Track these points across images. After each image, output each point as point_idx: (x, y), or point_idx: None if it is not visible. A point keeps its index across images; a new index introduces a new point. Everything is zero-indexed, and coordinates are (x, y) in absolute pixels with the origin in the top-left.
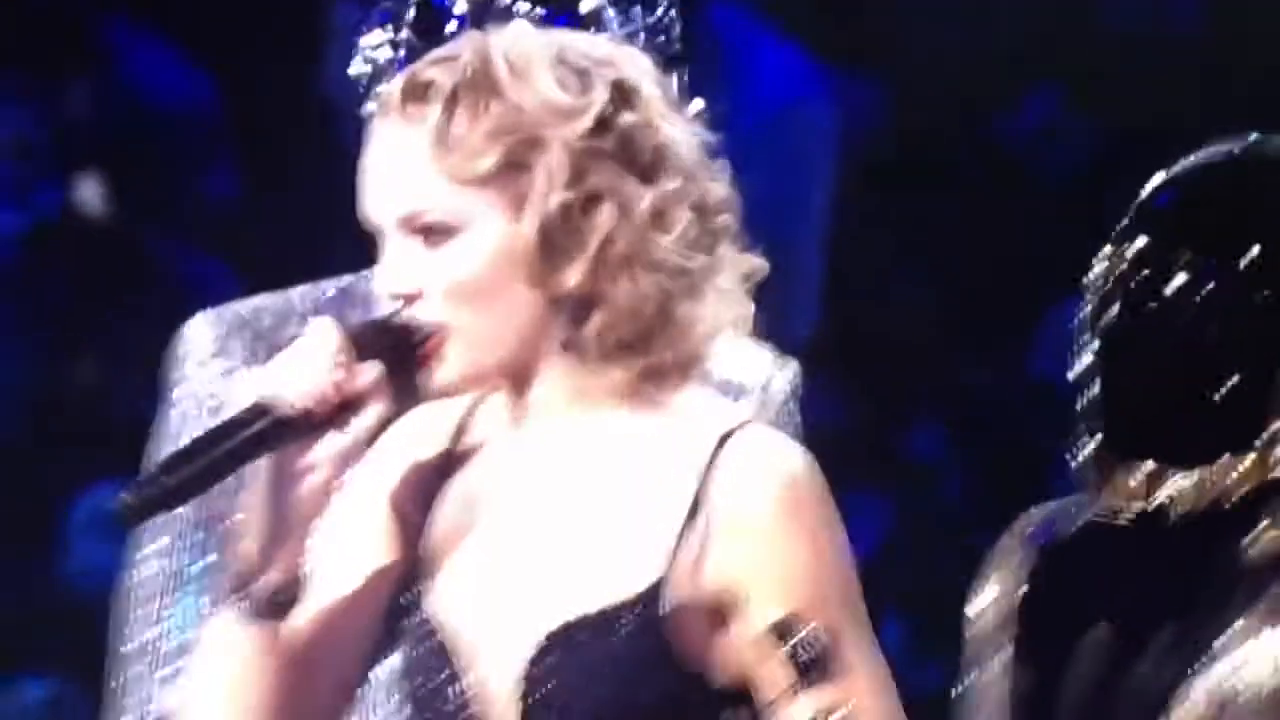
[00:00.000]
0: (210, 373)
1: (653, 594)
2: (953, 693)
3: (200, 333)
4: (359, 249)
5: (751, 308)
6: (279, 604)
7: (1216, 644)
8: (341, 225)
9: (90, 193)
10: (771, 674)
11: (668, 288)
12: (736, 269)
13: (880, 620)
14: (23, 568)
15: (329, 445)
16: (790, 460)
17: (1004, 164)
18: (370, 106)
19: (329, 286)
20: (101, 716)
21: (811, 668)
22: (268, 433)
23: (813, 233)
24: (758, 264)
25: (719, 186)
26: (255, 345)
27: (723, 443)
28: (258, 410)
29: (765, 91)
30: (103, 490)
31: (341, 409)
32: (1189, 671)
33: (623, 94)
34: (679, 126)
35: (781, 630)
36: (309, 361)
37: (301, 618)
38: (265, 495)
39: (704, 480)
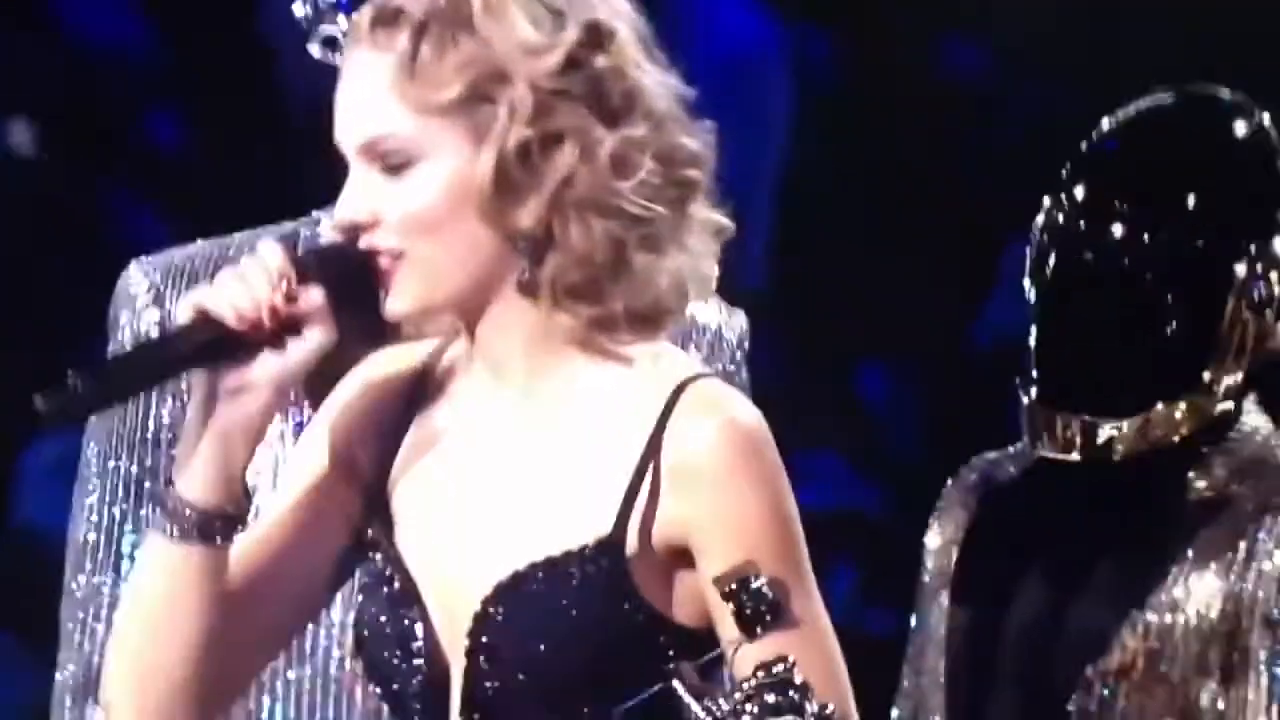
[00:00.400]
0: (149, 320)
1: (603, 544)
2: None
3: (138, 280)
4: (300, 195)
5: (716, 270)
6: (214, 526)
7: (1153, 584)
8: (283, 170)
9: (24, 138)
10: (724, 621)
11: (622, 236)
12: (705, 228)
13: (833, 567)
14: None
15: (266, 366)
16: (742, 414)
17: (958, 109)
18: (313, 48)
19: (269, 233)
20: (38, 667)
21: (756, 620)
22: (204, 346)
23: (765, 184)
24: (726, 224)
25: (691, 141)
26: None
27: (677, 394)
28: (196, 323)
29: (717, 41)
30: (50, 441)
31: (282, 331)
32: (1125, 611)
33: (596, 36)
34: (652, 75)
35: (728, 581)
36: (251, 279)
37: (245, 547)
38: (200, 415)
39: (657, 430)
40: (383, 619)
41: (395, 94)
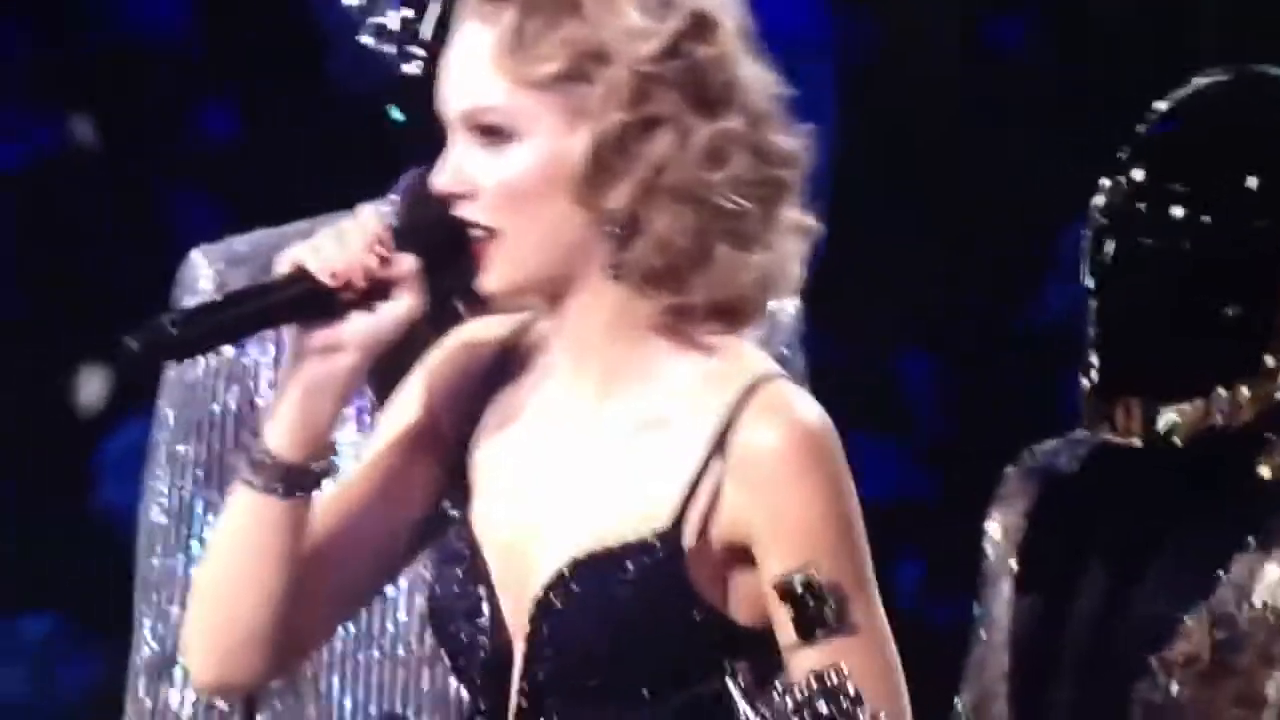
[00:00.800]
0: None
1: (661, 538)
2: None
3: (200, 267)
4: (353, 185)
5: (801, 271)
6: (297, 480)
7: (1217, 573)
8: (335, 161)
9: (85, 132)
10: (781, 624)
11: (707, 226)
12: (793, 228)
13: (897, 559)
14: (52, 504)
15: (355, 326)
16: (809, 416)
17: (1009, 92)
18: (366, 38)
19: (328, 221)
20: (101, 653)
21: (813, 624)
22: (296, 300)
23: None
24: (814, 225)
25: (786, 140)
26: (255, 279)
27: (748, 393)
28: (291, 277)
29: (759, 23)
30: (128, 427)
31: (373, 294)
32: (1190, 600)
33: (700, 26)
34: (753, 71)
35: (787, 584)
36: (348, 240)
37: (327, 504)
38: (290, 371)
39: (725, 428)
40: (453, 593)
41: (496, 66)
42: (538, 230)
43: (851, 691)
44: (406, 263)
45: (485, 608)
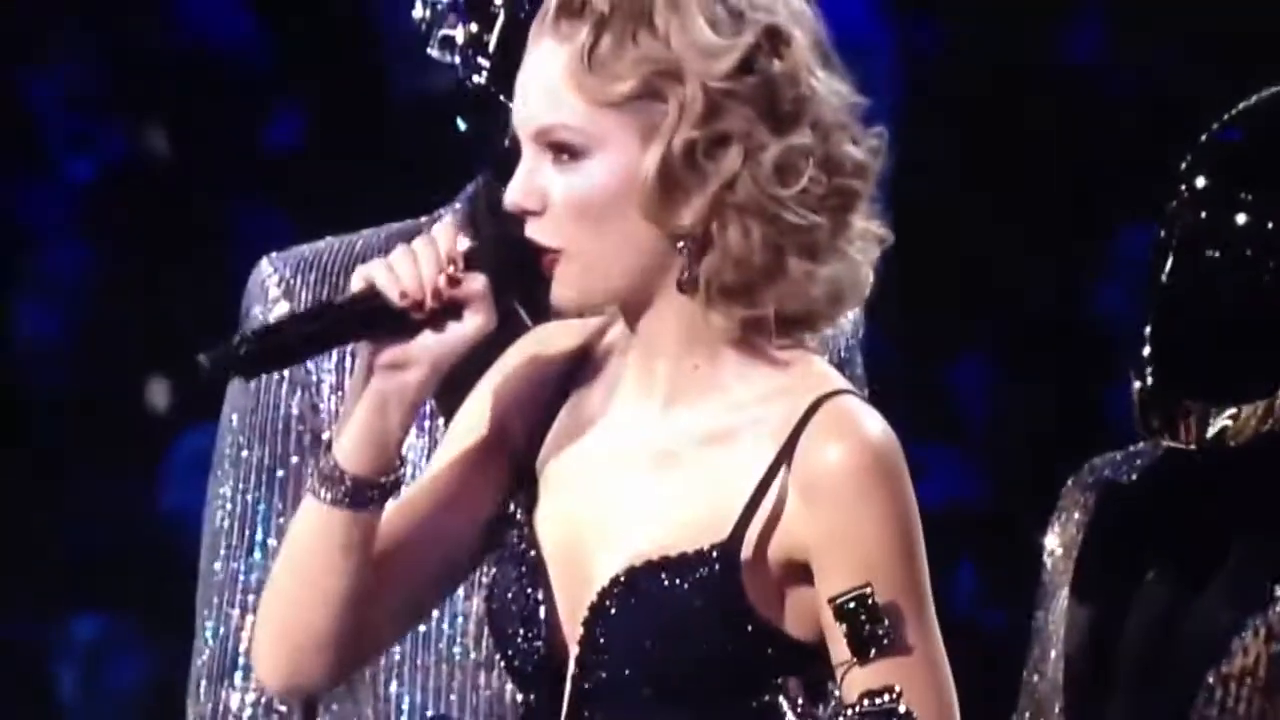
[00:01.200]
0: (279, 313)
1: (719, 550)
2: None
3: (269, 275)
4: (422, 193)
5: (870, 279)
6: (366, 494)
7: (1274, 585)
8: (404, 170)
9: (156, 142)
10: (836, 641)
11: (780, 242)
12: (864, 237)
13: (951, 564)
14: (118, 507)
15: (425, 342)
16: (874, 434)
17: (1067, 95)
18: (431, 50)
19: (393, 230)
20: (154, 655)
21: (868, 643)
22: (368, 317)
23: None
24: (885, 234)
25: (856, 151)
26: (321, 286)
27: (813, 409)
28: (363, 295)
29: (825, 27)
30: (197, 435)
31: (443, 313)
32: (1246, 612)
33: (773, 41)
34: (825, 83)
35: (843, 601)
36: (420, 260)
37: (395, 509)
38: (360, 385)
39: (789, 444)
40: (510, 594)
41: (571, 84)
42: (609, 246)
43: (904, 711)
44: (477, 283)
45: (542, 611)
